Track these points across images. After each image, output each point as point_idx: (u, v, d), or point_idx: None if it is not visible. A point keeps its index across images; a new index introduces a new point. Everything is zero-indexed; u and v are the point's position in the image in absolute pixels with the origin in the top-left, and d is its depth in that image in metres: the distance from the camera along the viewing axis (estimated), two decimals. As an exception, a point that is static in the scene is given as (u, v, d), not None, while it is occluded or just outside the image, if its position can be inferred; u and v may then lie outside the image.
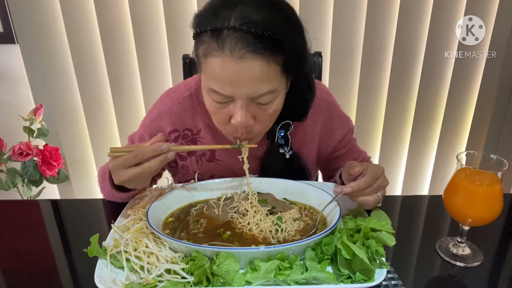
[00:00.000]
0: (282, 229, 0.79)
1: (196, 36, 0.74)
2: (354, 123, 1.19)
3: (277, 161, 0.96)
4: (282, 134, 0.93)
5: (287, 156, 0.95)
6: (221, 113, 0.78)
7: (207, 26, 0.70)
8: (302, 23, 0.76)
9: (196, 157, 1.01)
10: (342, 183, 0.90)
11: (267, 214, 0.83)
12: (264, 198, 0.89)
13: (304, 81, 0.87)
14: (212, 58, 0.71)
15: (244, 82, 0.71)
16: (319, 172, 1.45)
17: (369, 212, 0.83)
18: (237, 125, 0.77)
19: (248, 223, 0.80)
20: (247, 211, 0.83)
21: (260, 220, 0.80)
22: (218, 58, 0.70)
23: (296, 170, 0.99)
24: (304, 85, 0.88)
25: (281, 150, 0.95)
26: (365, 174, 0.79)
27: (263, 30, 0.68)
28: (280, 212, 0.84)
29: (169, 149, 0.76)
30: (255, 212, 0.82)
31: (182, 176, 1.05)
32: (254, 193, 0.89)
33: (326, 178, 1.15)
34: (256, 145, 0.86)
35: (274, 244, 0.75)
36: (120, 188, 0.88)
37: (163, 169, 1.02)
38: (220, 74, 0.71)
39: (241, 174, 0.96)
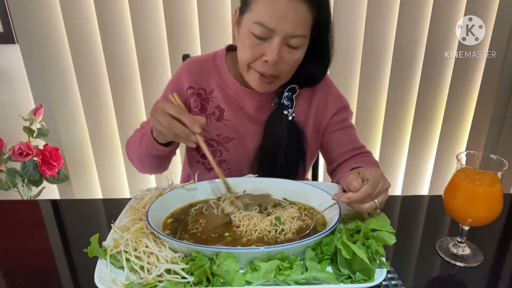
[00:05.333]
0: (282, 229, 0.78)
1: None
2: (354, 123, 1.19)
3: (280, 124, 1.02)
4: (288, 95, 1.01)
5: (290, 118, 1.01)
6: (256, 49, 0.88)
7: None
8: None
9: (206, 115, 1.06)
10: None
11: (261, 212, 0.83)
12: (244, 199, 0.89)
13: (326, 46, 0.97)
14: None
15: (289, 19, 0.84)
16: (319, 172, 1.44)
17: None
18: (270, 61, 0.87)
19: (246, 231, 0.79)
20: (240, 212, 0.83)
21: (257, 224, 0.80)
22: None
23: (295, 137, 1.03)
24: (326, 50, 0.98)
25: (285, 112, 1.01)
26: (366, 183, 0.73)
27: None
28: (272, 210, 0.84)
29: (195, 133, 0.82)
30: (248, 219, 0.81)
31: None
32: (236, 194, 0.89)
33: (328, 168, 1.12)
34: (237, 194, 0.90)
35: (274, 243, 0.75)
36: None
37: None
38: (272, 8, 0.83)
39: (246, 135, 1.06)
